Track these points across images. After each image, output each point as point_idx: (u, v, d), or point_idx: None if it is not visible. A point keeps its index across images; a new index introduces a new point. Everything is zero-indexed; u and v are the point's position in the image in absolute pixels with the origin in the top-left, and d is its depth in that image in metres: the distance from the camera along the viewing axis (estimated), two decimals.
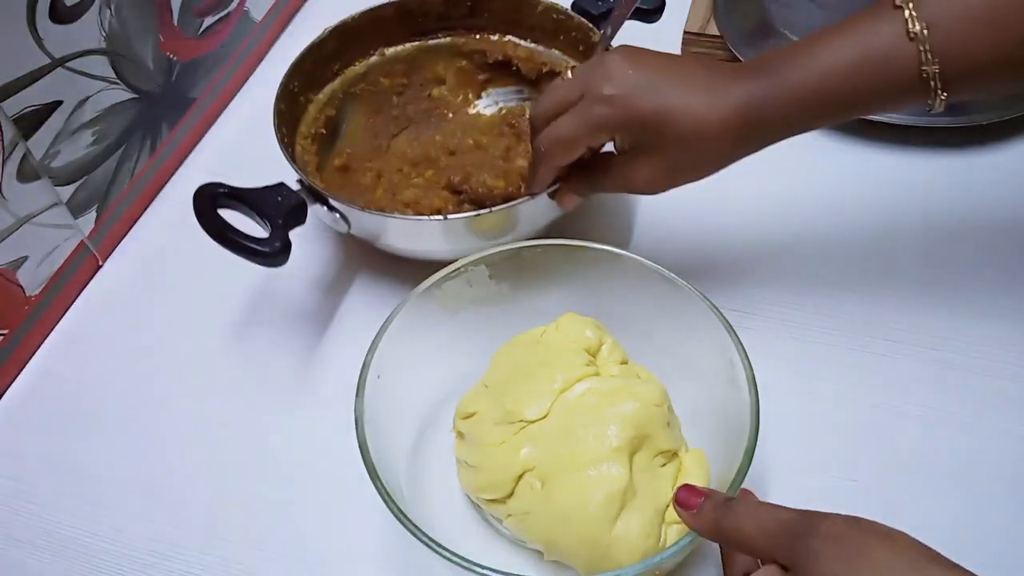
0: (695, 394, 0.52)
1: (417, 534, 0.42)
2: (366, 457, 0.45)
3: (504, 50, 0.72)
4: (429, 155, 0.70)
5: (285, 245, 0.53)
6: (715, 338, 0.49)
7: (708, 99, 0.48)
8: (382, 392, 0.49)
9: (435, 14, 0.72)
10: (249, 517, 0.54)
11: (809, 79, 0.47)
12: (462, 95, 0.75)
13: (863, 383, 0.58)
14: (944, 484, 0.53)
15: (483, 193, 0.64)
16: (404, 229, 0.59)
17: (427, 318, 0.53)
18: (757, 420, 0.45)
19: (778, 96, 0.48)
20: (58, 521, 0.55)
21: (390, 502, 0.43)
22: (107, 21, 0.64)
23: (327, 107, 0.70)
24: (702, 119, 0.48)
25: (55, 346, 0.64)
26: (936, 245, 0.65)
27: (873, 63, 0.46)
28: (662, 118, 0.49)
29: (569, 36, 0.70)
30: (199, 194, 0.54)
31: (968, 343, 0.59)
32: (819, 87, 0.47)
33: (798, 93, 0.48)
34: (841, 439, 0.55)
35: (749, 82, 0.49)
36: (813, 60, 0.47)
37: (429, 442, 0.55)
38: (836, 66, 0.46)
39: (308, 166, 0.65)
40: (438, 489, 0.53)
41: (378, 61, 0.72)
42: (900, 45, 0.45)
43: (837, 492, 0.53)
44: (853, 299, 0.62)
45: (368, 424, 0.47)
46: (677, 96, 0.49)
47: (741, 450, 0.44)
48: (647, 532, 0.45)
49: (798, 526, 0.36)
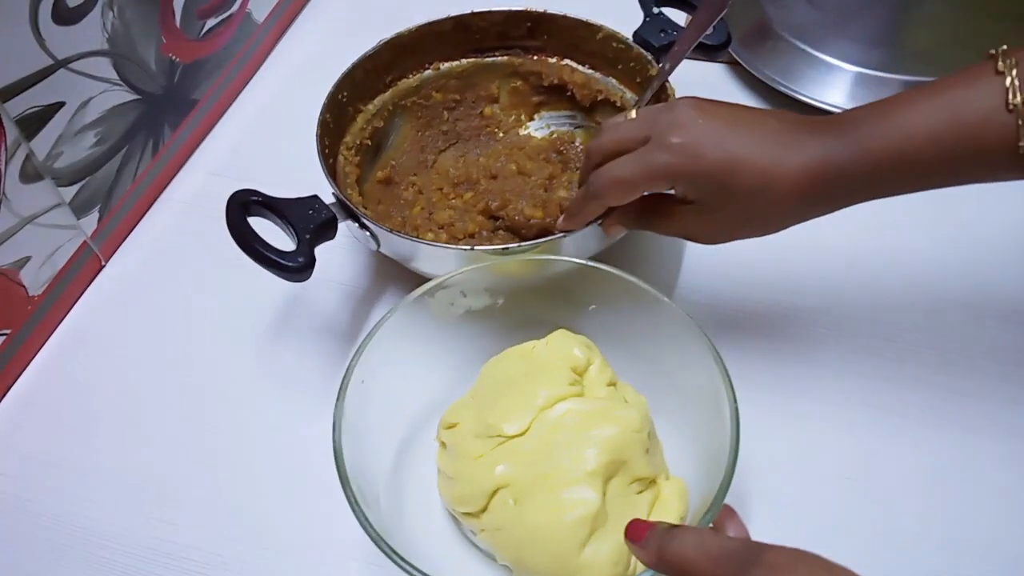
0: (682, 419, 0.51)
1: (379, 543, 0.42)
2: (339, 462, 0.45)
3: (560, 74, 0.72)
4: (471, 176, 0.70)
5: (309, 261, 0.53)
6: (703, 364, 0.48)
7: (779, 153, 0.46)
8: (367, 398, 0.49)
9: (494, 32, 0.72)
10: (249, 517, 0.54)
11: (891, 143, 0.44)
12: (514, 115, 0.75)
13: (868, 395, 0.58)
14: (941, 490, 0.54)
15: (519, 222, 0.64)
16: (432, 254, 0.59)
17: (418, 326, 0.53)
18: (735, 453, 0.44)
19: (854, 157, 0.45)
20: (61, 520, 0.55)
21: (356, 508, 0.43)
22: (109, 23, 0.64)
23: (375, 118, 0.69)
24: (770, 174, 0.46)
25: (58, 346, 0.64)
26: (939, 246, 0.65)
27: (964, 133, 0.42)
28: (729, 171, 0.47)
29: (627, 66, 0.69)
30: (232, 201, 0.54)
31: (969, 343, 0.60)
32: (901, 152, 0.44)
33: (877, 156, 0.44)
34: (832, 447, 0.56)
35: (825, 139, 0.46)
36: (897, 122, 0.44)
37: (414, 451, 0.54)
38: (922, 131, 0.43)
39: (349, 177, 0.65)
40: (418, 499, 0.52)
41: (432, 75, 0.72)
42: (997, 116, 0.41)
43: (825, 504, 0.53)
44: (853, 301, 0.63)
45: (349, 430, 0.46)
46: (746, 148, 0.46)
47: (718, 482, 0.43)
48: (615, 559, 0.45)
49: (742, 555, 0.35)
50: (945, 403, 0.57)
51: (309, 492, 0.55)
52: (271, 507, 0.55)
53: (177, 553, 0.53)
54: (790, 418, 0.56)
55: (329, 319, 0.64)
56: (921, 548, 0.51)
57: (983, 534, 0.51)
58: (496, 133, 0.75)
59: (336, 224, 0.57)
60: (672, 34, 0.67)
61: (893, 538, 0.51)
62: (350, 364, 0.49)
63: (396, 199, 0.70)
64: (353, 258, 0.68)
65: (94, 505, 0.55)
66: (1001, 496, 0.53)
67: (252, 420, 0.59)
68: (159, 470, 0.57)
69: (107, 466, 0.57)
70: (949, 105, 0.42)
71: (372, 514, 0.44)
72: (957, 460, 0.54)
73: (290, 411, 0.59)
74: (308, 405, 0.59)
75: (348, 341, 0.63)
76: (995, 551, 0.50)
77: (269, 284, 0.54)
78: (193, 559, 0.53)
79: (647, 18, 0.69)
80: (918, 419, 0.56)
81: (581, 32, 0.70)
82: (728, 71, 0.81)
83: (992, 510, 0.52)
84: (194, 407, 0.60)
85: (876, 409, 0.57)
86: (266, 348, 0.63)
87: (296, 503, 0.55)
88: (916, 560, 0.50)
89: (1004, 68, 0.41)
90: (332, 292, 0.66)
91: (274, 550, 0.53)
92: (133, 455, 0.58)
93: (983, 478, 0.53)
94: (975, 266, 0.64)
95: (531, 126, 0.75)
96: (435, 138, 0.74)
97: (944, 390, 0.58)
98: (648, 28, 0.68)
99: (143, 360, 0.63)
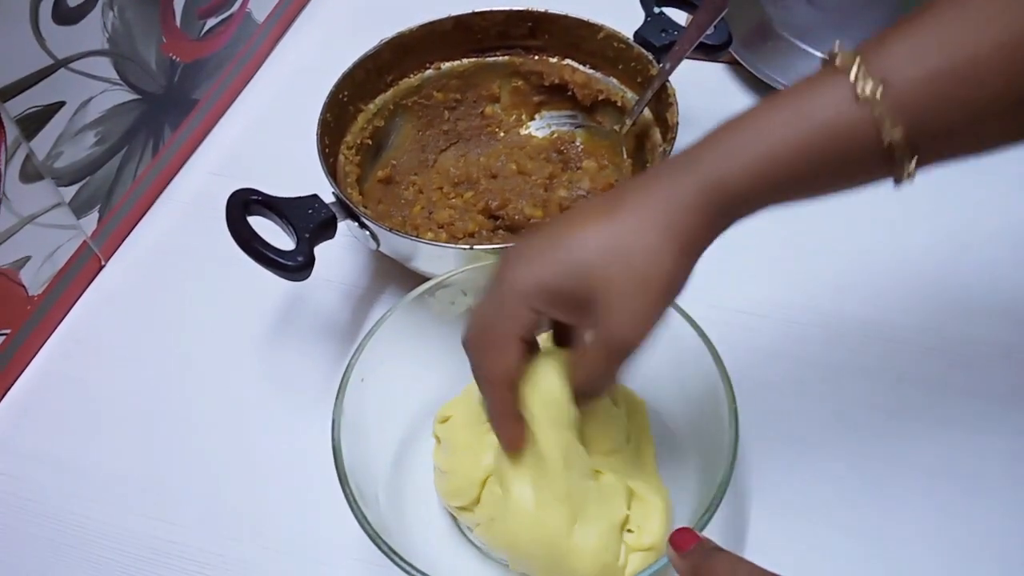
0: (682, 420, 0.51)
1: (377, 541, 0.42)
2: (338, 461, 0.45)
3: (561, 74, 0.72)
4: (471, 176, 0.70)
5: (308, 260, 0.53)
6: (702, 364, 0.48)
7: (615, 227, 0.39)
8: (366, 396, 0.49)
9: (495, 32, 0.72)
10: (249, 517, 0.54)
11: (738, 165, 0.38)
12: (515, 115, 0.75)
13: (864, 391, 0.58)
14: (944, 486, 0.54)
15: (519, 221, 0.64)
16: (431, 253, 0.59)
17: (419, 325, 0.53)
18: (734, 455, 0.44)
19: (707, 187, 0.39)
20: (61, 520, 0.55)
21: (354, 506, 0.43)
22: (110, 22, 0.64)
23: (376, 118, 0.69)
24: (615, 249, 0.39)
25: (57, 346, 0.64)
26: (942, 245, 0.65)
27: (819, 134, 0.37)
28: (574, 273, 0.40)
29: (628, 66, 0.69)
30: (232, 200, 0.54)
31: (972, 342, 0.59)
32: (756, 171, 0.38)
33: (722, 185, 0.38)
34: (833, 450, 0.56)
35: (671, 179, 0.39)
36: (747, 140, 0.38)
37: (414, 450, 0.54)
38: (778, 143, 0.38)
39: (349, 176, 0.65)
40: (418, 498, 0.52)
41: (433, 75, 0.72)
42: (848, 110, 0.36)
43: (825, 504, 0.53)
44: (853, 300, 0.62)
45: (348, 428, 0.46)
46: (583, 244, 0.40)
47: (716, 483, 0.43)
48: (604, 545, 0.45)
49: None
50: (947, 403, 0.57)
51: (309, 491, 0.54)
52: (271, 506, 0.55)
53: (177, 553, 0.53)
54: (789, 418, 0.56)
55: (328, 318, 0.64)
56: (922, 548, 0.51)
57: (985, 534, 0.51)
58: (497, 133, 0.75)
59: (336, 223, 0.57)
60: (673, 34, 0.67)
61: (894, 538, 0.51)
62: (350, 362, 0.49)
63: (396, 198, 0.70)
64: (353, 257, 0.68)
65: (94, 505, 0.55)
66: (1004, 496, 0.53)
67: (251, 419, 0.59)
68: (159, 470, 0.57)
69: (107, 466, 0.57)
70: (797, 112, 0.38)
71: (371, 513, 0.44)
72: (960, 460, 0.54)
73: (289, 410, 0.59)
74: (307, 404, 0.59)
75: (347, 340, 0.63)
76: (998, 551, 0.50)
77: (269, 283, 0.54)
78: (193, 559, 0.53)
79: (648, 18, 0.69)
80: (920, 419, 0.56)
81: (582, 32, 0.70)
82: (729, 71, 0.81)
83: (994, 510, 0.52)
84: (193, 406, 0.60)
85: (876, 409, 0.57)
86: (265, 347, 0.63)
87: (296, 502, 0.55)
88: (916, 560, 0.50)
89: (843, 63, 0.37)
90: (331, 291, 0.66)
91: (274, 550, 0.53)
92: (133, 455, 0.58)
93: (986, 478, 0.53)
94: (978, 265, 0.64)
95: (532, 126, 0.75)
96: (436, 137, 0.74)
97: (946, 390, 0.57)
98: (649, 28, 0.68)
99: (143, 360, 0.63)
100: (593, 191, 0.68)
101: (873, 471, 0.54)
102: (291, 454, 0.57)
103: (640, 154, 0.68)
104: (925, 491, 0.53)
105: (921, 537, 0.51)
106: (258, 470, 0.56)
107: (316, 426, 0.57)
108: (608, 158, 0.71)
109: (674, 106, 0.63)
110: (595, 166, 0.70)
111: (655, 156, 0.65)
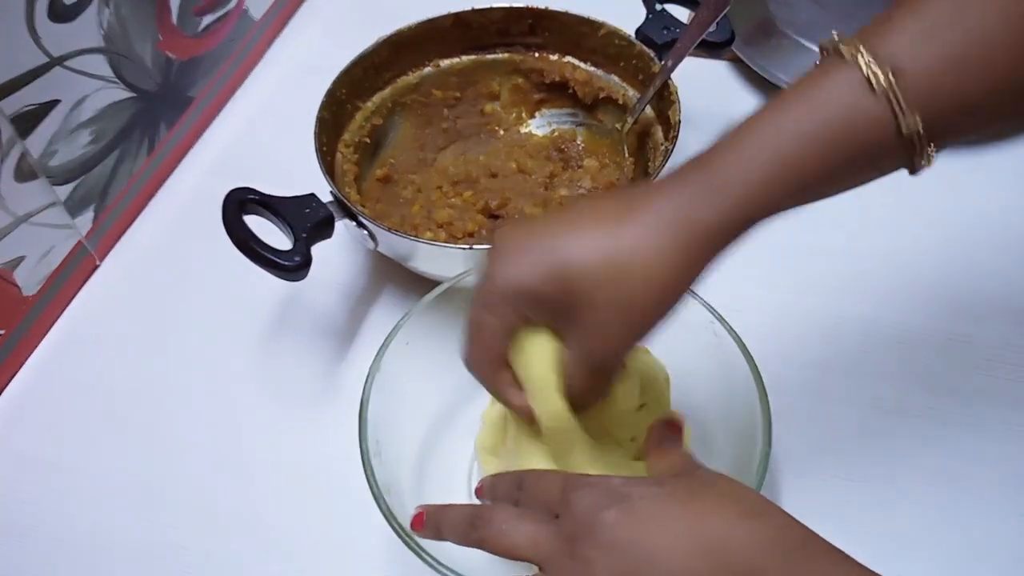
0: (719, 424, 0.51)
1: (404, 538, 0.42)
2: (367, 466, 0.45)
3: (562, 71, 0.71)
4: (470, 175, 0.69)
5: (305, 260, 0.53)
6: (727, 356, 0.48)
7: (612, 240, 0.38)
8: (387, 402, 0.48)
9: (494, 29, 0.71)
10: (248, 517, 0.54)
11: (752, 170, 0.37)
12: (515, 113, 0.74)
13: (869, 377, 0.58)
14: (945, 481, 0.53)
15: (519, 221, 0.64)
16: (430, 253, 0.58)
17: (437, 327, 0.52)
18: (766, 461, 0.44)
19: (722, 206, 0.37)
20: (58, 520, 0.54)
21: (391, 518, 0.43)
22: (106, 20, 0.64)
23: (374, 116, 0.69)
24: (615, 261, 0.38)
25: (52, 346, 0.64)
26: (948, 243, 0.65)
27: (837, 130, 0.36)
28: (559, 277, 0.39)
29: (629, 64, 0.69)
30: (228, 200, 0.54)
31: (971, 343, 0.59)
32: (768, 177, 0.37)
33: (746, 193, 0.37)
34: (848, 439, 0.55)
35: (679, 191, 0.38)
36: (760, 145, 0.37)
37: (435, 451, 0.53)
38: (793, 144, 0.37)
39: (347, 175, 0.65)
40: (440, 497, 0.52)
41: (432, 72, 0.72)
42: (863, 102, 0.35)
43: (837, 490, 0.53)
44: (855, 300, 0.62)
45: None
46: (574, 250, 0.38)
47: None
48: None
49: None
50: (950, 403, 0.56)
51: (309, 491, 0.54)
52: (270, 506, 0.54)
53: (177, 553, 0.53)
54: (795, 418, 0.56)
55: (326, 318, 0.64)
56: (924, 548, 0.51)
57: (987, 534, 0.51)
58: (496, 131, 0.74)
59: (333, 223, 0.57)
60: (675, 31, 0.67)
61: (896, 538, 0.51)
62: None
63: (395, 198, 0.69)
64: (351, 257, 0.67)
65: (92, 505, 0.55)
66: (1006, 496, 0.52)
67: (247, 418, 0.59)
68: (154, 470, 0.57)
69: (104, 466, 0.57)
70: (809, 111, 0.37)
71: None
72: (962, 460, 0.54)
73: (287, 409, 0.59)
74: (305, 404, 0.59)
75: (345, 340, 0.62)
76: (1000, 551, 0.50)
77: (266, 283, 0.54)
78: (192, 559, 0.52)
79: (649, 15, 0.69)
80: (923, 419, 0.56)
81: (583, 29, 0.70)
82: (731, 68, 0.80)
83: (996, 510, 0.52)
84: (190, 406, 0.60)
85: (881, 411, 0.56)
86: (262, 347, 0.63)
87: (296, 502, 0.54)
88: (917, 560, 0.50)
89: (849, 55, 0.36)
90: (329, 292, 0.65)
91: (274, 550, 0.52)
92: (130, 455, 0.57)
93: (989, 477, 0.53)
94: (981, 265, 0.63)
95: (532, 124, 0.74)
96: (435, 136, 0.73)
97: (948, 389, 0.57)
98: (650, 25, 0.68)
99: (138, 360, 0.62)
100: (594, 190, 0.68)
101: (878, 471, 0.54)
102: (289, 453, 0.56)
103: (642, 152, 0.68)
104: (925, 491, 0.53)
105: (924, 536, 0.51)
106: (256, 469, 0.56)
107: (313, 425, 0.58)
108: (609, 156, 0.71)
109: (676, 104, 0.63)
110: (596, 165, 0.70)
111: (657, 154, 0.65)
